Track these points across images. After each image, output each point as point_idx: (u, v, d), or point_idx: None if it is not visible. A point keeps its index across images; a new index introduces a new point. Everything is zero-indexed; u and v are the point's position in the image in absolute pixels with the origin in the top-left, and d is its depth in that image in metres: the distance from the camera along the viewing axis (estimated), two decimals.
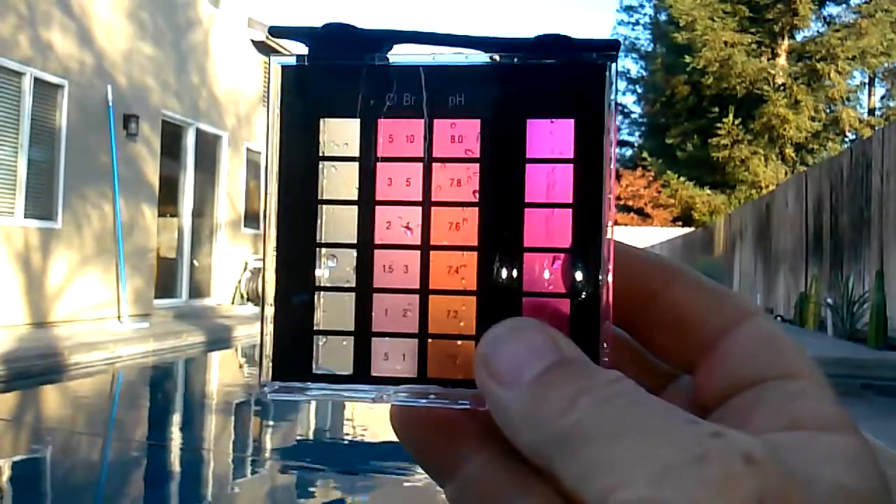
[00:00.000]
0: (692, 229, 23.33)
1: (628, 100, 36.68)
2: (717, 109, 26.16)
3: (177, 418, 6.74)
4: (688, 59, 25.72)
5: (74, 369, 7.97)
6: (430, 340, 0.31)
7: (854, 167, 7.96)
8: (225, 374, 8.84)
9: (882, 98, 28.75)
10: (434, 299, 0.31)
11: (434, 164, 0.32)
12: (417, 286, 0.31)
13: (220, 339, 10.18)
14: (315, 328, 0.32)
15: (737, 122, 25.24)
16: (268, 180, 0.32)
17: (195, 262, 13.34)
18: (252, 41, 14.72)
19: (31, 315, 9.71)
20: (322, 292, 0.32)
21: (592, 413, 0.25)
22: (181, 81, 12.75)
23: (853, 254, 7.84)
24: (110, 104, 10.92)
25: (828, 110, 25.87)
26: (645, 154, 30.45)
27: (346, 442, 5.54)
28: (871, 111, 27.87)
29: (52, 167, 10.16)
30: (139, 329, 10.03)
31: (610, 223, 0.30)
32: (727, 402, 0.29)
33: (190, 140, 13.05)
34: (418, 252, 0.32)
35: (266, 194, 0.32)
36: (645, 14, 35.65)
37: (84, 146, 10.50)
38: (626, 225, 29.23)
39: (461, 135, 0.31)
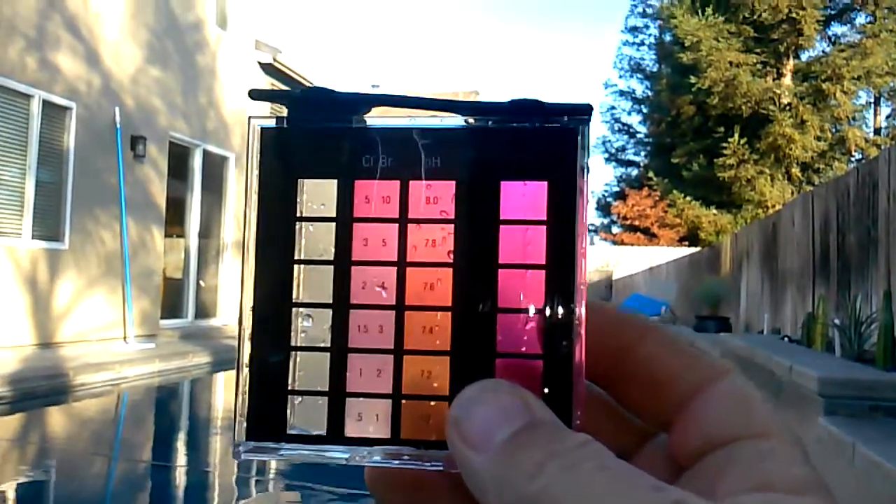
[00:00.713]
0: (698, 249, 23.28)
1: (633, 120, 36.74)
2: (722, 129, 26.17)
3: (182, 439, 6.73)
4: (693, 79, 25.74)
5: (80, 390, 7.98)
6: (403, 401, 0.31)
7: (861, 187, 7.94)
8: (230, 394, 8.83)
9: (888, 117, 28.75)
10: (408, 360, 0.31)
11: (409, 225, 0.32)
12: (392, 346, 0.32)
13: (226, 359, 10.18)
14: (290, 388, 0.32)
15: (742, 141, 25.23)
16: (246, 239, 0.33)
17: (201, 282, 13.37)
18: (259, 63, 14.80)
19: (38, 335, 9.72)
20: (297, 352, 0.32)
21: (560, 479, 0.25)
22: (188, 103, 12.82)
23: (860, 274, 7.81)
24: (118, 126, 10.99)
25: (833, 130, 25.85)
26: (651, 174, 30.44)
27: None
28: (877, 131, 27.86)
29: (59, 188, 10.22)
30: (145, 349, 10.04)
31: (582, 284, 0.31)
32: (701, 462, 0.30)
33: (197, 161, 13.11)
34: (393, 312, 0.32)
35: (244, 254, 0.33)
36: (650, 34, 35.74)
37: (92, 168, 10.56)
38: (632, 245, 29.22)
39: (436, 196, 0.32)
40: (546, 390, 0.30)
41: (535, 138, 0.31)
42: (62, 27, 10.15)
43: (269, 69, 15.04)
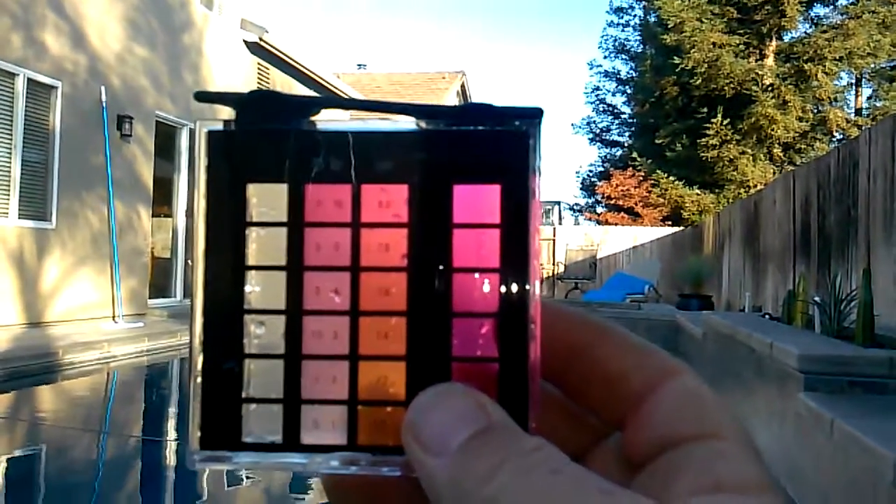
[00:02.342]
0: (681, 228, 23.39)
1: (618, 100, 36.78)
2: (705, 110, 26.27)
3: (171, 415, 6.77)
4: (677, 60, 25.80)
5: (69, 369, 8.01)
6: (359, 407, 0.31)
7: (841, 167, 8.02)
8: None
9: (869, 98, 28.91)
10: (364, 365, 0.31)
11: (362, 229, 0.31)
12: (347, 352, 0.31)
13: None
14: (244, 396, 0.31)
15: (725, 122, 25.34)
16: (194, 246, 0.32)
17: (189, 261, 13.35)
18: (245, 42, 14.73)
19: (26, 315, 9.72)
20: (251, 359, 0.31)
21: (512, 484, 0.26)
22: (175, 82, 12.77)
23: (840, 252, 7.91)
24: (104, 105, 10.94)
25: (815, 111, 26.00)
26: (635, 154, 30.50)
27: None
28: (858, 111, 28.01)
29: (46, 168, 10.19)
30: (133, 328, 10.06)
31: (537, 286, 0.31)
32: (654, 462, 0.30)
33: (184, 141, 13.07)
34: (347, 318, 0.31)
35: (193, 261, 0.32)
36: (634, 16, 35.69)
37: (78, 147, 10.52)
38: (616, 224, 29.29)
39: (389, 200, 0.31)
40: (502, 393, 0.30)
41: (487, 141, 0.31)
42: (48, 6, 10.07)
43: (255, 48, 14.97)
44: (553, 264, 26.59)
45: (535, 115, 0.31)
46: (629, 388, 0.31)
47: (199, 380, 0.31)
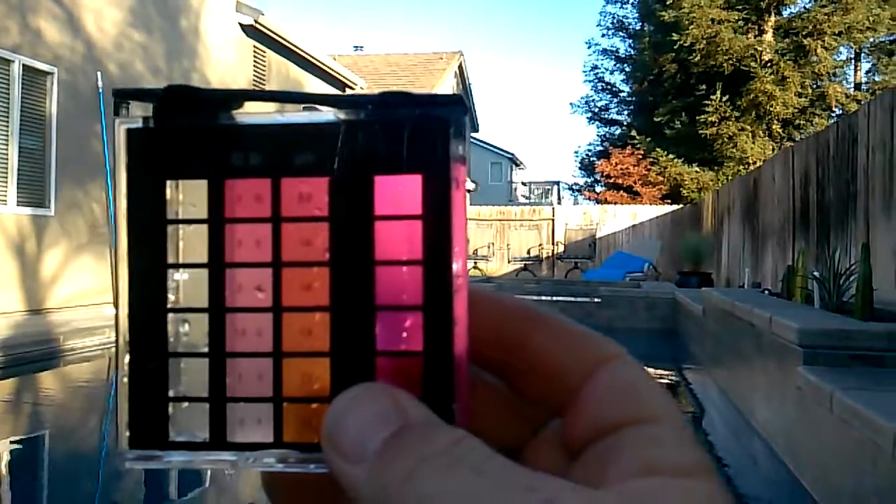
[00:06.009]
0: (680, 206, 23.40)
1: (616, 79, 36.66)
2: (704, 87, 26.22)
3: None
4: (675, 36, 25.71)
5: (70, 354, 8.04)
6: (285, 404, 0.31)
7: (840, 142, 8.03)
8: None
9: (868, 73, 28.84)
10: (288, 362, 0.31)
11: (283, 224, 0.31)
12: (271, 349, 0.31)
13: None
14: (170, 395, 0.31)
15: (724, 99, 25.30)
16: (117, 245, 0.31)
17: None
18: (241, 25, 14.68)
19: (27, 302, 9.75)
20: (176, 358, 0.31)
21: (432, 485, 0.25)
22: (172, 67, 12.74)
23: (839, 227, 7.93)
24: (101, 91, 10.91)
25: (814, 86, 25.95)
26: (634, 132, 30.47)
27: None
28: (857, 86, 27.95)
29: (43, 154, 10.18)
30: None
31: (461, 276, 0.30)
32: (591, 448, 0.29)
33: None
34: (271, 314, 0.31)
35: (116, 260, 0.32)
36: None
37: (75, 133, 10.51)
38: (615, 203, 29.30)
39: (309, 193, 0.31)
40: (427, 387, 0.30)
41: (407, 131, 0.31)
42: None
43: (251, 31, 14.92)
44: (552, 244, 26.63)
45: (455, 102, 0.31)
46: (566, 375, 0.31)
47: (125, 379, 0.31)
